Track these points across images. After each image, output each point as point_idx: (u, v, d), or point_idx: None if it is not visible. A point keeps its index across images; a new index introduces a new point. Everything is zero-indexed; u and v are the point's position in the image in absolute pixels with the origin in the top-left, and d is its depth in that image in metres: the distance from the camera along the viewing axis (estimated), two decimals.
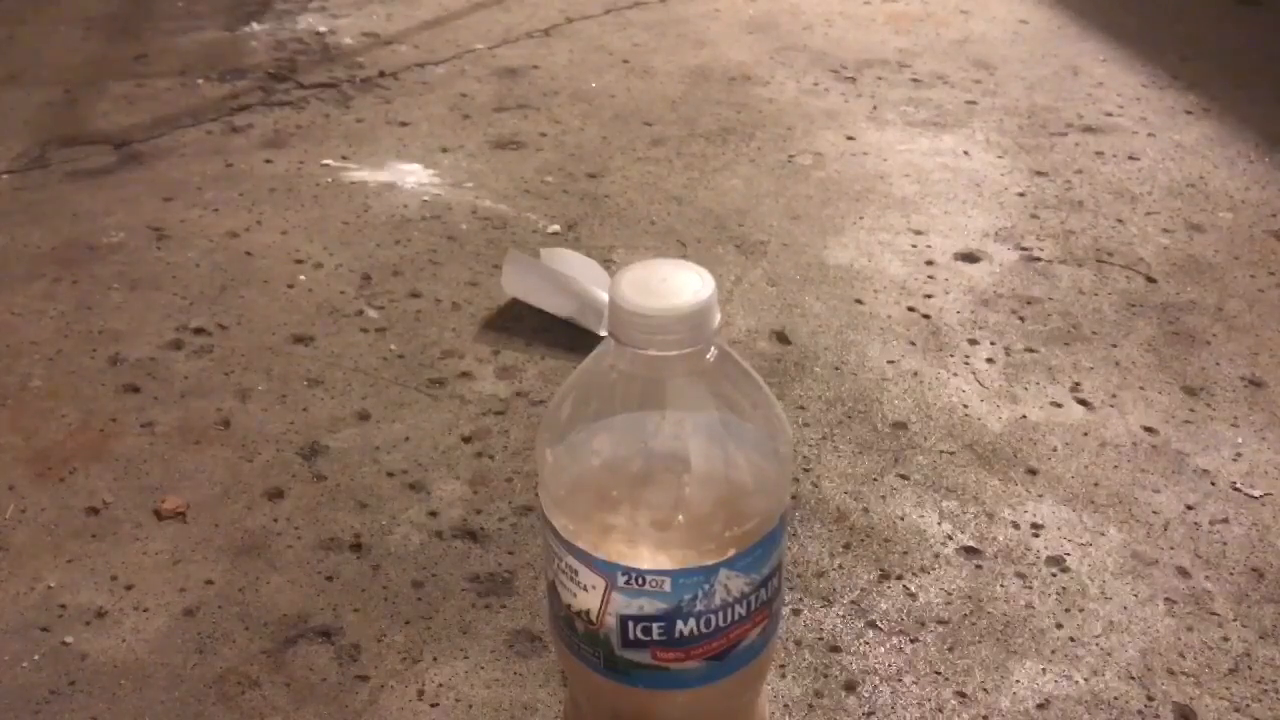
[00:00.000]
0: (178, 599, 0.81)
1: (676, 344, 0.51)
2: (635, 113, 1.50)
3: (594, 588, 0.54)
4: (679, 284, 0.52)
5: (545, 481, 0.56)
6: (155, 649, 0.77)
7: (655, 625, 0.54)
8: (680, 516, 0.54)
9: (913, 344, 1.07)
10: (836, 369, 1.04)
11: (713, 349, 0.53)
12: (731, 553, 0.54)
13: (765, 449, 0.56)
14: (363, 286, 1.15)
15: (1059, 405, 1.00)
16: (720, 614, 0.55)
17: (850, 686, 0.75)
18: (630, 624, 0.55)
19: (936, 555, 0.85)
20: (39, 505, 0.89)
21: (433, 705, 0.74)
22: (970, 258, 1.21)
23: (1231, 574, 0.84)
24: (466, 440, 0.96)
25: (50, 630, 0.79)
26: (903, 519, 0.88)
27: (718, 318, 0.52)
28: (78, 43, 1.70)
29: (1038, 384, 1.03)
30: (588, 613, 0.56)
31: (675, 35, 1.73)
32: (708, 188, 1.33)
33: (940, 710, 0.73)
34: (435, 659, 0.77)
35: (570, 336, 1.07)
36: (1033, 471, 0.93)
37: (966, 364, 1.05)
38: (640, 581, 0.53)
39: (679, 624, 0.54)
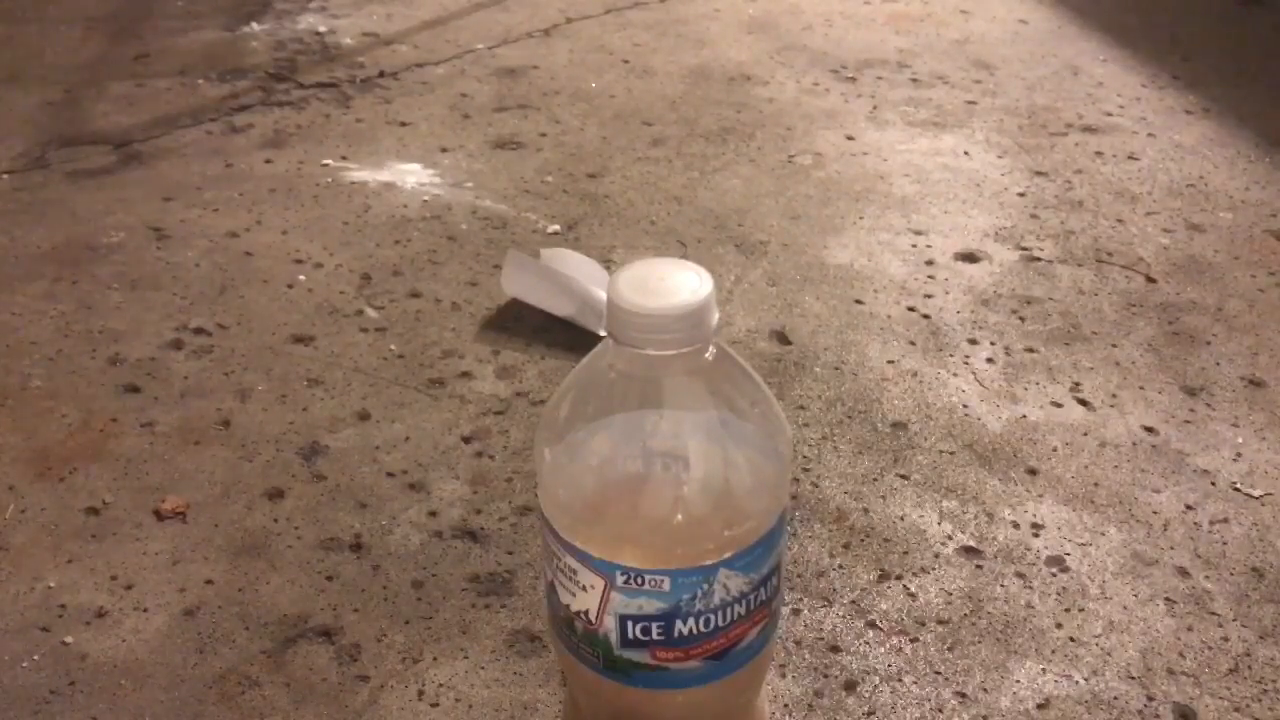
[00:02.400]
0: (178, 599, 0.81)
1: (674, 343, 0.51)
2: (635, 113, 1.50)
3: (593, 587, 0.54)
4: (677, 283, 0.52)
5: (544, 481, 0.56)
6: (155, 649, 0.77)
7: (654, 625, 0.54)
8: (679, 516, 0.54)
9: (913, 344, 1.07)
10: (836, 369, 1.04)
11: (711, 348, 0.53)
12: (731, 552, 0.54)
13: (764, 448, 0.56)
14: (362, 286, 1.15)
15: (1059, 405, 1.00)
16: (720, 613, 0.55)
17: (850, 686, 0.75)
18: (629, 624, 0.55)
19: (936, 555, 0.85)
20: (39, 505, 0.89)
21: (433, 705, 0.74)
22: (970, 258, 1.21)
23: (1231, 574, 0.84)
24: (466, 440, 0.96)
25: (50, 630, 0.79)
26: (903, 519, 0.88)
27: (716, 317, 0.52)
28: (78, 43, 1.70)
29: (1038, 384, 1.03)
30: (587, 613, 0.56)
31: (675, 35, 1.73)
32: (708, 188, 1.33)
33: (940, 710, 0.73)
34: (435, 659, 0.77)
35: (570, 336, 1.07)
36: (1033, 471, 0.93)
37: (966, 364, 1.05)
38: (639, 581, 0.53)
39: (678, 623, 0.54)
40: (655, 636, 0.55)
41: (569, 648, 0.59)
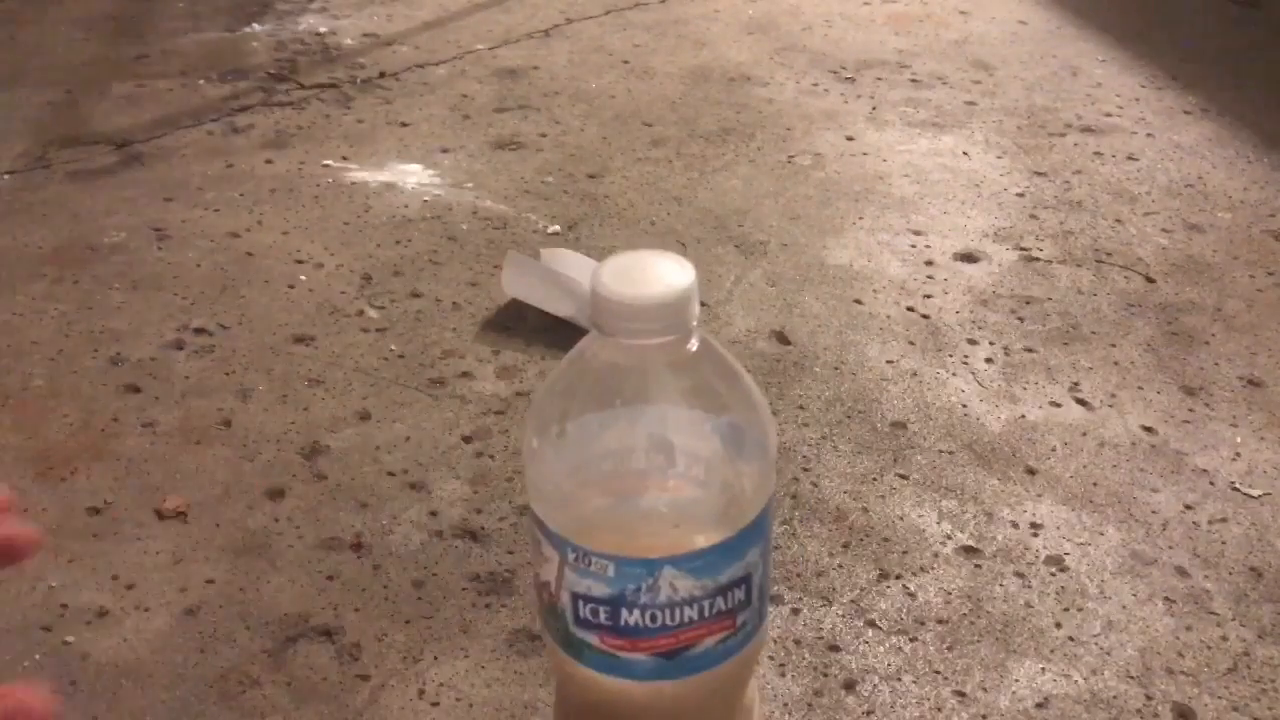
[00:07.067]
0: (179, 598, 0.81)
1: (652, 332, 0.51)
2: (635, 113, 1.50)
3: (550, 560, 0.55)
4: (658, 273, 0.52)
5: (524, 455, 0.56)
6: (156, 648, 0.78)
7: (602, 609, 0.54)
8: (628, 504, 0.54)
9: (912, 344, 1.08)
10: (836, 369, 1.04)
11: (695, 341, 0.53)
12: (679, 552, 0.53)
13: (732, 453, 0.56)
14: (363, 287, 1.15)
15: (1058, 405, 1.00)
16: (666, 611, 0.54)
17: (849, 685, 0.75)
18: (580, 603, 0.55)
19: (935, 555, 0.85)
20: (40, 505, 0.89)
21: (433, 704, 0.74)
22: (969, 258, 1.21)
23: (1230, 573, 0.84)
24: (467, 440, 0.96)
25: (52, 630, 0.79)
26: (902, 519, 0.88)
27: (696, 308, 0.52)
28: (79, 43, 1.70)
29: (1037, 384, 1.03)
30: (549, 585, 0.56)
31: (675, 36, 1.73)
32: (708, 188, 1.34)
33: (939, 709, 0.74)
34: (436, 658, 0.77)
35: (570, 336, 1.07)
36: (1032, 471, 0.93)
37: (965, 364, 1.05)
38: (586, 561, 0.53)
39: (624, 612, 0.54)
40: (603, 621, 0.55)
41: (541, 617, 0.59)
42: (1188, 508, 0.89)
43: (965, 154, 1.41)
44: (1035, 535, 0.87)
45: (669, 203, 1.30)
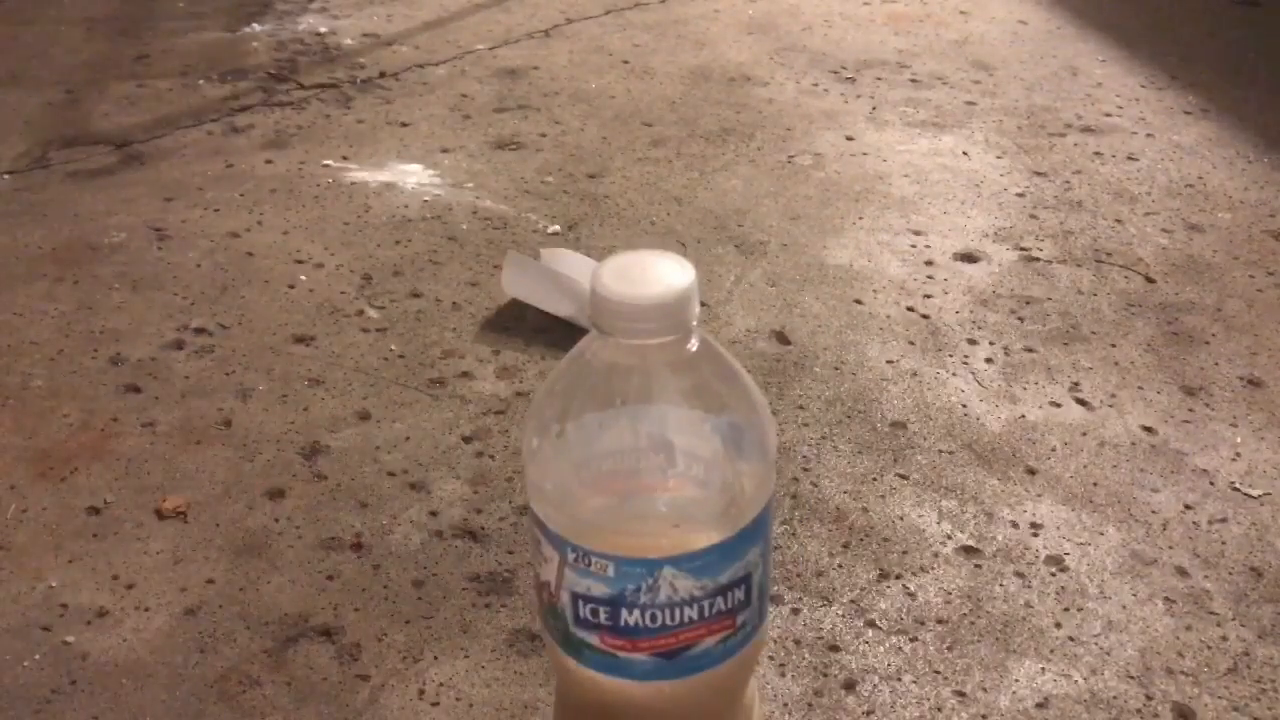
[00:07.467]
0: (179, 598, 0.81)
1: (652, 332, 0.51)
2: (635, 113, 1.50)
3: (550, 560, 0.55)
4: (658, 273, 0.52)
5: (523, 455, 0.56)
6: (156, 648, 0.78)
7: (602, 609, 0.54)
8: (627, 504, 0.54)
9: (912, 344, 1.08)
10: (836, 369, 1.04)
11: (695, 341, 0.53)
12: (679, 551, 0.53)
13: (732, 453, 0.56)
14: (363, 287, 1.15)
15: (1058, 405, 1.00)
16: (667, 611, 0.54)
17: (849, 685, 0.75)
18: (580, 603, 0.55)
19: (935, 555, 0.85)
20: (40, 505, 0.89)
21: (433, 704, 0.74)
22: (969, 258, 1.21)
23: (1230, 573, 0.84)
24: (467, 440, 0.96)
25: (51, 629, 0.79)
26: (902, 518, 0.88)
27: (696, 308, 0.52)
28: (79, 43, 1.70)
29: (1037, 384, 1.03)
30: (549, 584, 0.56)
31: (675, 36, 1.73)
32: (708, 188, 1.34)
33: (939, 709, 0.74)
34: (436, 658, 0.77)
35: (570, 336, 1.07)
36: (1032, 471, 0.93)
37: (965, 364, 1.05)
38: (586, 561, 0.53)
39: (624, 612, 0.54)
40: (603, 621, 0.55)
41: (542, 618, 0.59)
42: (1188, 508, 0.89)
43: (965, 154, 1.41)
44: (1035, 535, 0.87)
45: (669, 203, 1.30)
